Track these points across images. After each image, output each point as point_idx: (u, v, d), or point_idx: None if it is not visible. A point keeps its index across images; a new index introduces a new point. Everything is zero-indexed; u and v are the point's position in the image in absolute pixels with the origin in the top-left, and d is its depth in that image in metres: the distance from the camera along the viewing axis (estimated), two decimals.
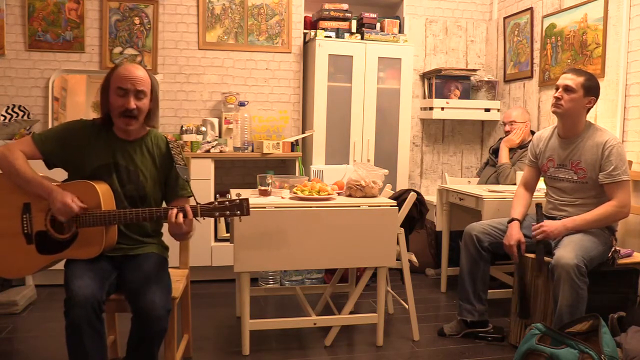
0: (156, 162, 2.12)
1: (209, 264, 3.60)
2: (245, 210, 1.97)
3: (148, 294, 1.86)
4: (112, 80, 2.00)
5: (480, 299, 2.77)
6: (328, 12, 3.94)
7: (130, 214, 1.95)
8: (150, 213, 1.96)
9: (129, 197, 2.05)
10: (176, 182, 2.14)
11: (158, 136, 2.17)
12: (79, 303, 1.76)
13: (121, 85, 1.98)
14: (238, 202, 1.96)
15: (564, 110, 2.59)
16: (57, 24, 3.69)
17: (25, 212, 1.98)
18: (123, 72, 2.00)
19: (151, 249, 2.13)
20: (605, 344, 2.08)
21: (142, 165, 2.08)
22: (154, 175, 2.11)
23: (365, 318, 2.85)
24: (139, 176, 2.07)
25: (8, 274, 2.05)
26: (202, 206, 1.96)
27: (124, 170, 2.05)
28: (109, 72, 2.04)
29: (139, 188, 2.06)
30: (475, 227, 2.80)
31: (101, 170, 2.03)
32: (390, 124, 4.04)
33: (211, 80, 3.95)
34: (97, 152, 2.04)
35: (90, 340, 1.78)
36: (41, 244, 1.98)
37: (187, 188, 2.15)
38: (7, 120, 3.58)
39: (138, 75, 2.00)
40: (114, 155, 2.05)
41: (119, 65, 2.05)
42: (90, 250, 1.95)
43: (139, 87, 2.00)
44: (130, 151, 2.08)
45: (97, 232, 1.95)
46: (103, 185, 2.00)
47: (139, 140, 2.10)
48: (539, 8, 3.95)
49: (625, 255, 2.68)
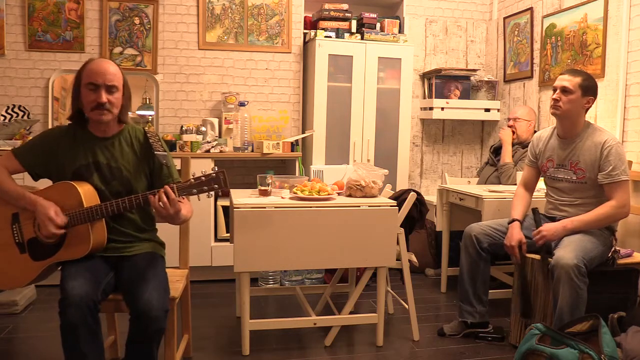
0: (137, 154, 2.11)
1: (209, 264, 3.60)
2: (223, 183, 1.90)
3: (144, 294, 1.86)
4: (83, 76, 2.00)
5: (480, 300, 2.77)
6: (328, 12, 3.94)
7: (111, 206, 1.94)
8: (130, 201, 1.94)
9: (115, 193, 2.04)
10: (160, 171, 2.12)
11: (136, 129, 2.16)
12: (74, 303, 1.76)
13: (92, 81, 1.97)
14: (214, 175, 1.88)
15: (563, 112, 2.59)
16: (57, 24, 3.70)
17: (14, 222, 2.00)
18: (94, 67, 1.99)
19: (146, 247, 2.12)
20: (605, 344, 2.08)
21: (123, 160, 2.07)
22: (137, 168, 2.10)
23: (365, 318, 2.85)
24: (122, 171, 2.06)
25: (6, 286, 2.07)
26: (179, 185, 1.91)
27: (106, 168, 2.05)
28: (80, 68, 2.03)
29: (124, 183, 2.06)
30: (474, 228, 2.80)
31: (81, 171, 2.02)
32: (390, 124, 4.04)
33: (211, 80, 3.95)
34: (75, 153, 2.03)
35: (86, 340, 1.77)
36: (34, 250, 1.99)
37: (173, 175, 2.12)
38: (7, 120, 3.58)
39: (109, 70, 1.99)
40: (94, 154, 2.05)
41: (90, 61, 2.04)
42: (80, 249, 1.95)
43: (109, 82, 1.99)
44: (110, 148, 2.07)
45: (83, 230, 1.95)
46: (84, 185, 2.00)
47: (116, 135, 2.10)
48: (539, 8, 3.95)
49: (625, 255, 2.68)
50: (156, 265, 2.05)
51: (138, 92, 3.83)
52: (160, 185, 2.12)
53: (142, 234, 2.13)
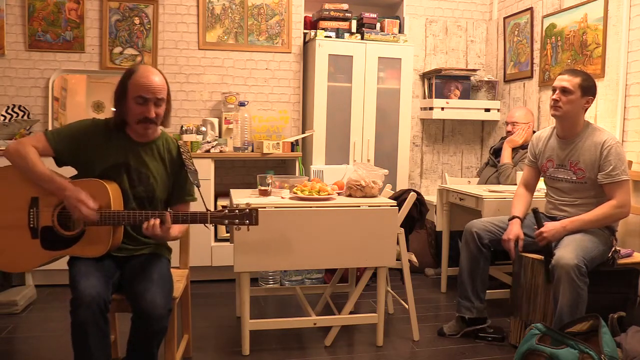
0: (167, 166, 2.13)
1: (209, 264, 3.60)
2: (254, 220, 2.00)
3: (149, 294, 1.86)
4: (131, 88, 1.98)
5: (478, 297, 2.77)
6: (328, 12, 3.94)
7: (140, 215, 1.95)
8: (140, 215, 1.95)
9: (137, 198, 2.06)
10: (183, 187, 2.16)
11: (169, 140, 2.17)
12: (86, 303, 1.76)
13: (142, 94, 1.96)
14: (247, 212, 1.99)
15: (563, 113, 2.59)
16: (57, 24, 3.69)
17: (32, 206, 1.98)
18: (143, 81, 1.97)
19: (154, 249, 2.14)
20: (605, 344, 2.08)
21: (153, 168, 2.09)
22: (164, 179, 2.12)
23: (365, 318, 2.85)
24: (149, 178, 2.07)
25: (9, 267, 2.04)
26: (213, 213, 1.98)
27: (135, 172, 2.05)
28: (125, 78, 2.01)
29: (148, 190, 2.07)
30: (475, 224, 2.80)
31: (112, 171, 2.03)
32: (390, 124, 4.04)
33: (211, 80, 3.95)
34: (109, 152, 2.03)
35: (96, 340, 1.78)
36: (46, 239, 1.97)
37: (192, 194, 2.18)
38: (7, 120, 3.58)
39: (158, 84, 1.99)
40: (126, 156, 2.05)
41: (135, 70, 2.01)
42: (97, 249, 1.96)
43: (159, 95, 1.99)
44: (142, 153, 2.08)
45: (104, 232, 1.95)
46: (113, 185, 2.00)
47: (150, 143, 2.11)
48: (539, 8, 3.95)
49: (625, 255, 2.68)
50: (161, 265, 2.06)
51: None
52: (177, 200, 2.18)
53: (151, 239, 2.13)
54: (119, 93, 2.02)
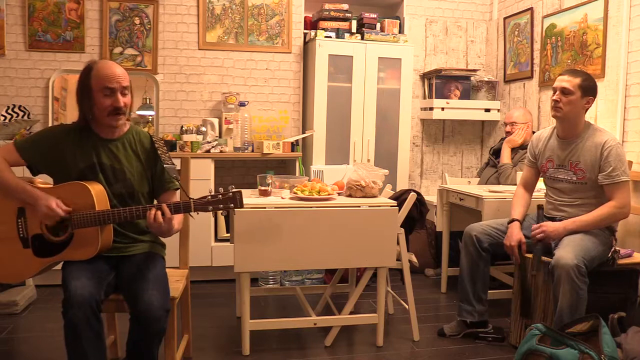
0: (141, 159, 2.11)
1: (209, 264, 3.60)
2: (239, 202, 1.94)
3: (145, 295, 1.86)
4: (95, 82, 1.98)
5: (480, 300, 2.77)
6: (328, 12, 3.94)
7: (124, 213, 1.94)
8: (138, 210, 1.94)
9: (117, 195, 2.05)
10: (162, 176, 2.14)
11: (139, 132, 2.16)
12: (77, 303, 1.76)
13: (107, 85, 1.97)
14: (231, 194, 1.93)
15: (564, 114, 2.58)
16: (57, 24, 3.70)
17: (20, 216, 1.99)
18: (106, 72, 1.98)
19: (147, 247, 2.13)
20: (605, 344, 2.08)
21: (127, 163, 2.08)
22: (140, 172, 2.11)
23: (365, 318, 2.85)
24: (125, 174, 2.06)
25: (6, 278, 2.06)
26: (195, 201, 1.93)
27: (110, 169, 2.05)
28: (86, 74, 2.01)
29: (126, 186, 2.06)
30: (475, 228, 2.80)
31: (86, 172, 2.02)
32: (390, 124, 4.04)
33: (211, 80, 3.95)
34: (80, 154, 2.03)
35: (89, 340, 1.78)
36: (38, 247, 1.98)
37: (173, 180, 2.14)
38: (7, 120, 3.58)
39: (120, 73, 2.00)
40: (98, 155, 2.04)
41: (94, 65, 2.02)
42: (87, 251, 1.95)
43: (124, 83, 2.00)
44: (114, 149, 2.07)
45: (92, 233, 1.95)
46: (96, 186, 1.99)
47: (121, 137, 2.10)
48: (539, 8, 3.95)
49: (625, 255, 2.68)
50: (156, 265, 2.05)
51: (138, 92, 3.82)
52: (160, 189, 2.15)
53: (143, 236, 2.14)
54: (82, 91, 2.02)
